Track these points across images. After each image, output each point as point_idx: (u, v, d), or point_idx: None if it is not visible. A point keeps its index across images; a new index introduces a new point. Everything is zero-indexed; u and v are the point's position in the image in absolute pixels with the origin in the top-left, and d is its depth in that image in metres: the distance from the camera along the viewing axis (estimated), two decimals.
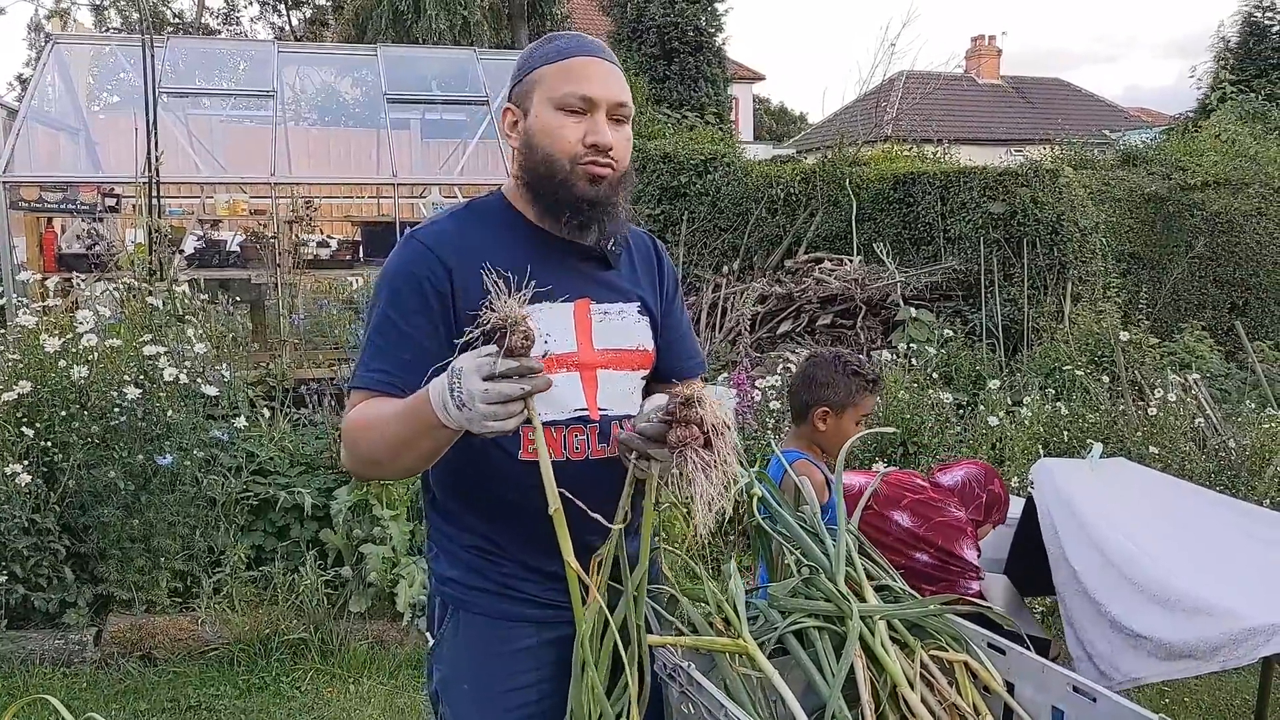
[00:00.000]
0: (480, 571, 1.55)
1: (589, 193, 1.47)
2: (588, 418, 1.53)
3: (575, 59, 1.49)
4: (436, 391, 1.28)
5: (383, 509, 3.95)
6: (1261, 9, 17.42)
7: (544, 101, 1.48)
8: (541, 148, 1.48)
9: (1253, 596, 2.11)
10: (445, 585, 1.58)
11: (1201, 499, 2.96)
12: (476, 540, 1.55)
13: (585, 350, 1.53)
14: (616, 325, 1.58)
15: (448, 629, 1.58)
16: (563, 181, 1.47)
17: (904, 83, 18.21)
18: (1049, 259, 7.99)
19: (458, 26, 13.88)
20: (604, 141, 1.46)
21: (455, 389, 1.25)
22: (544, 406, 1.46)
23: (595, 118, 1.47)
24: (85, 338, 3.73)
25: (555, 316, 1.51)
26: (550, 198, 1.49)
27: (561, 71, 1.48)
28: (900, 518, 2.50)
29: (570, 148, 1.46)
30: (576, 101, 1.46)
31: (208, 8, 27.94)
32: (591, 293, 1.56)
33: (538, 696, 1.54)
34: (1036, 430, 4.80)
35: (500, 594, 1.54)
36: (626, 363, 1.59)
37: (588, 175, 1.47)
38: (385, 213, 8.53)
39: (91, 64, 8.37)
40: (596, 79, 1.48)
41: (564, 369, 1.50)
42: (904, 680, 1.48)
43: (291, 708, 3.37)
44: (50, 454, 3.65)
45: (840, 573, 1.64)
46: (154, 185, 5.29)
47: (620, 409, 1.56)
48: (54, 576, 3.62)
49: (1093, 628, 2.35)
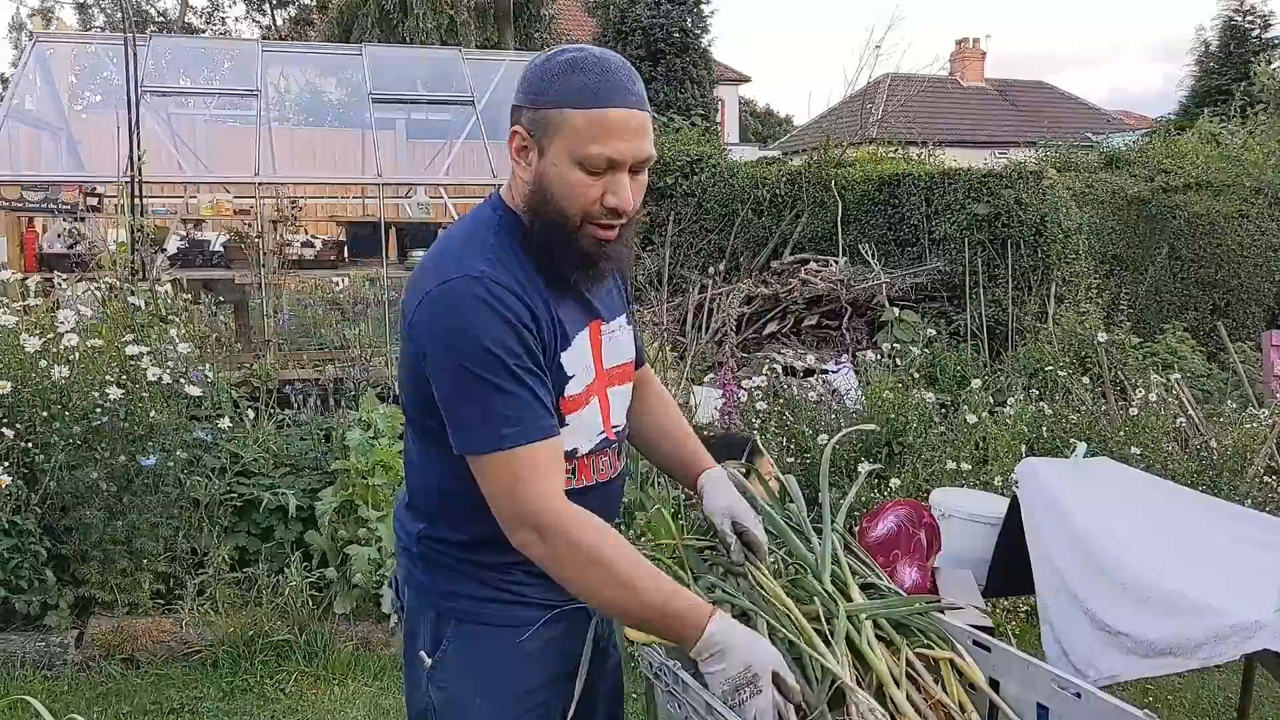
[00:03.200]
0: (492, 584, 1.51)
1: (593, 250, 1.41)
2: (607, 439, 1.55)
3: (609, 111, 1.34)
4: (722, 642, 1.33)
5: (369, 510, 3.93)
6: (1241, 13, 17.59)
7: (565, 152, 1.36)
8: (555, 199, 1.39)
9: (1236, 594, 2.13)
10: (450, 600, 1.52)
11: (1186, 499, 2.98)
12: (487, 555, 1.50)
13: (599, 373, 1.53)
14: (618, 341, 1.58)
15: (452, 647, 1.52)
16: (569, 236, 1.40)
17: (889, 85, 18.29)
18: (1033, 260, 8.04)
19: (444, 26, 13.85)
20: (624, 205, 1.38)
21: (746, 684, 1.30)
22: (581, 438, 1.50)
23: (619, 177, 1.38)
24: (66, 337, 3.69)
25: (586, 344, 1.49)
26: (550, 249, 1.42)
27: (591, 126, 1.34)
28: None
29: (586, 206, 1.38)
30: (603, 164, 1.36)
31: (191, 6, 27.81)
32: (599, 312, 1.54)
33: (544, 697, 1.54)
34: (1020, 430, 4.82)
35: (511, 601, 1.52)
36: (626, 376, 1.61)
37: (594, 237, 1.40)
38: (370, 213, 8.49)
39: (74, 63, 8.32)
40: (628, 137, 1.36)
41: (593, 396, 1.51)
42: (890, 679, 1.48)
43: (276, 710, 3.35)
44: (31, 455, 3.61)
45: (826, 571, 1.64)
46: (136, 185, 5.26)
47: (623, 421, 1.60)
48: (35, 578, 3.58)
49: (1071, 625, 2.37)
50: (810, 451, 4.60)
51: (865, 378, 5.49)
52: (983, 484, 4.42)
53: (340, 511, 3.96)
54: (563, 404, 1.45)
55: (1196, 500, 2.98)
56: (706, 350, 7.38)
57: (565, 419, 1.45)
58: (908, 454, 4.62)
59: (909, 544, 2.88)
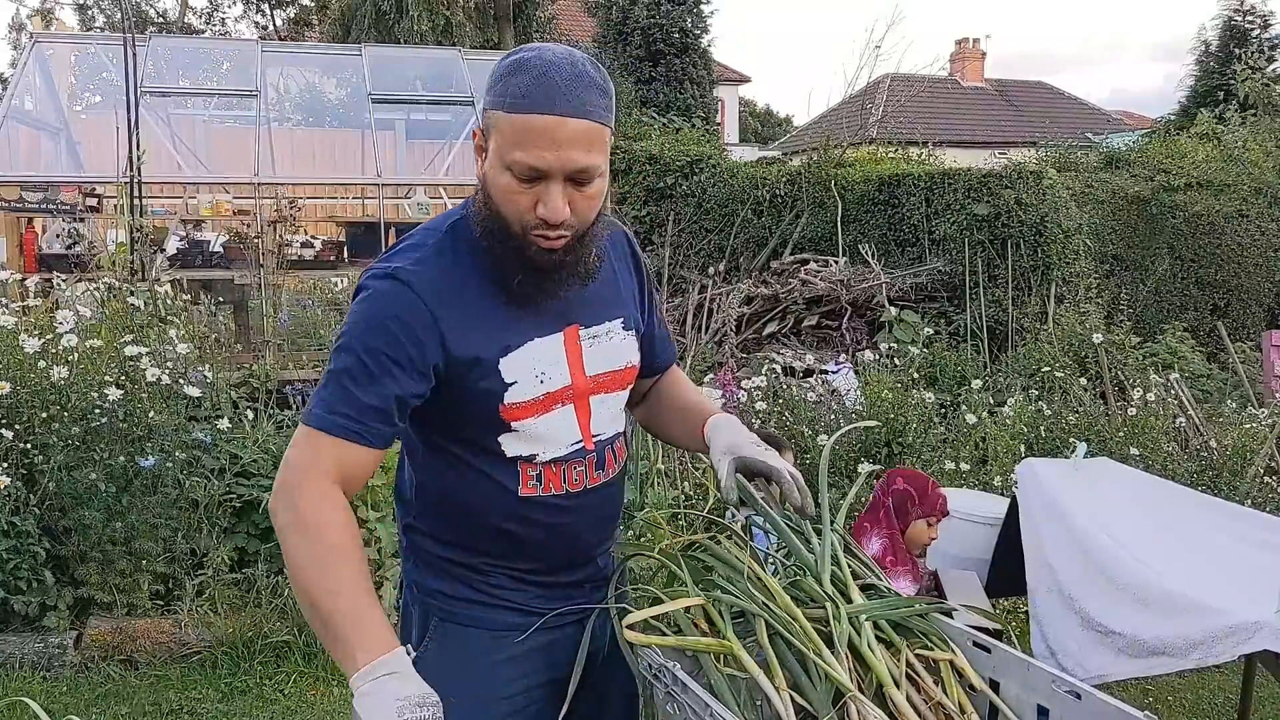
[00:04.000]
0: (470, 584, 1.51)
1: (542, 261, 1.36)
2: (584, 449, 1.50)
3: (534, 118, 1.27)
4: (375, 681, 1.19)
5: (368, 511, 3.92)
6: (1241, 13, 17.61)
7: (497, 156, 1.32)
8: (494, 204, 1.35)
9: (1237, 595, 2.13)
10: (431, 598, 1.53)
11: (1187, 499, 2.99)
12: (465, 557, 1.50)
13: (578, 379, 1.48)
14: (605, 347, 1.51)
15: (432, 643, 1.52)
16: (516, 244, 1.35)
17: (889, 85, 18.30)
18: (1033, 260, 8.04)
19: (440, 27, 13.84)
20: (553, 217, 1.31)
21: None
22: (542, 445, 1.46)
23: (549, 187, 1.30)
24: (65, 338, 3.69)
25: (547, 351, 1.44)
26: (501, 255, 1.37)
27: (516, 131, 1.29)
28: None
29: (519, 215, 1.33)
30: (525, 171, 1.30)
31: (191, 7, 27.80)
32: (578, 316, 1.47)
33: (525, 704, 1.53)
34: (1019, 430, 4.82)
35: (492, 605, 1.51)
36: (617, 384, 1.55)
37: (538, 246, 1.34)
38: (370, 213, 8.50)
39: (74, 63, 8.33)
40: (553, 147, 1.28)
41: (559, 404, 1.46)
42: (890, 680, 1.47)
43: (275, 711, 3.35)
44: (30, 456, 3.62)
45: (826, 572, 1.64)
46: (136, 185, 5.25)
47: (610, 430, 1.55)
48: (33, 579, 3.58)
49: (1062, 626, 2.37)
50: (810, 452, 4.60)
51: (865, 378, 5.49)
52: (982, 484, 4.42)
53: None
54: (504, 410, 1.41)
55: (1197, 500, 2.98)
56: (707, 351, 7.38)
57: (510, 425, 1.42)
58: (907, 454, 4.62)
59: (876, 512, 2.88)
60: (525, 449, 1.45)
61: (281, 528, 1.31)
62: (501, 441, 1.44)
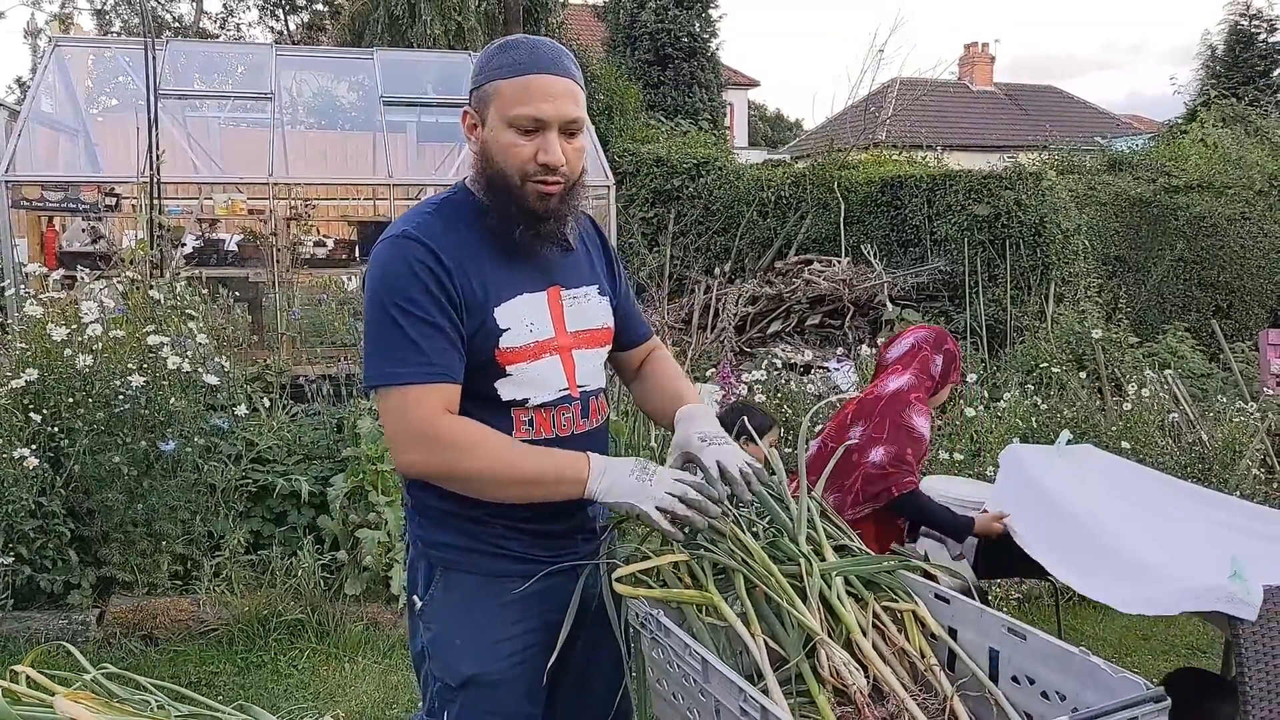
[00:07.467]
0: (471, 535, 1.66)
1: (539, 207, 1.57)
2: (570, 396, 1.68)
3: (531, 77, 1.54)
4: (605, 468, 1.54)
5: (378, 495, 4.07)
6: (1248, 17, 17.64)
7: (498, 117, 1.56)
8: (496, 162, 1.57)
9: (1197, 565, 2.24)
10: (434, 549, 1.69)
11: (1165, 483, 3.08)
12: (466, 509, 1.64)
13: (561, 334, 1.67)
14: (584, 308, 1.72)
15: (437, 590, 1.69)
16: (515, 196, 1.57)
17: (897, 89, 18.40)
18: (1032, 260, 8.14)
19: (452, 31, 13.98)
20: (554, 161, 1.54)
21: (645, 475, 1.52)
22: (534, 390, 1.64)
23: (547, 136, 1.54)
24: (90, 328, 3.84)
25: (534, 306, 1.64)
26: (504, 209, 1.58)
27: (517, 90, 1.54)
28: (854, 431, 2.88)
29: (522, 165, 1.55)
30: (529, 123, 1.54)
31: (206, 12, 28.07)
32: (560, 279, 1.68)
33: (524, 645, 1.67)
34: (1014, 423, 4.93)
35: (491, 553, 1.66)
36: (595, 341, 1.74)
37: (537, 192, 1.56)
38: (381, 213, 8.63)
39: (91, 67, 8.48)
40: (550, 99, 1.54)
41: (547, 353, 1.64)
42: (857, 628, 1.60)
43: (289, 684, 3.49)
44: (56, 439, 3.77)
45: (802, 533, 1.77)
46: (155, 184, 5.40)
47: (594, 384, 1.74)
48: (59, 558, 3.73)
49: None
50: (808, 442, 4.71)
51: (866, 374, 5.60)
52: (976, 474, 4.52)
53: (351, 497, 4.11)
54: (499, 354, 1.60)
55: (1174, 485, 3.07)
56: (712, 349, 7.50)
57: (505, 369, 1.61)
58: None
59: (917, 363, 2.97)
60: (518, 393, 1.62)
61: (446, 469, 1.54)
62: (498, 386, 1.61)
